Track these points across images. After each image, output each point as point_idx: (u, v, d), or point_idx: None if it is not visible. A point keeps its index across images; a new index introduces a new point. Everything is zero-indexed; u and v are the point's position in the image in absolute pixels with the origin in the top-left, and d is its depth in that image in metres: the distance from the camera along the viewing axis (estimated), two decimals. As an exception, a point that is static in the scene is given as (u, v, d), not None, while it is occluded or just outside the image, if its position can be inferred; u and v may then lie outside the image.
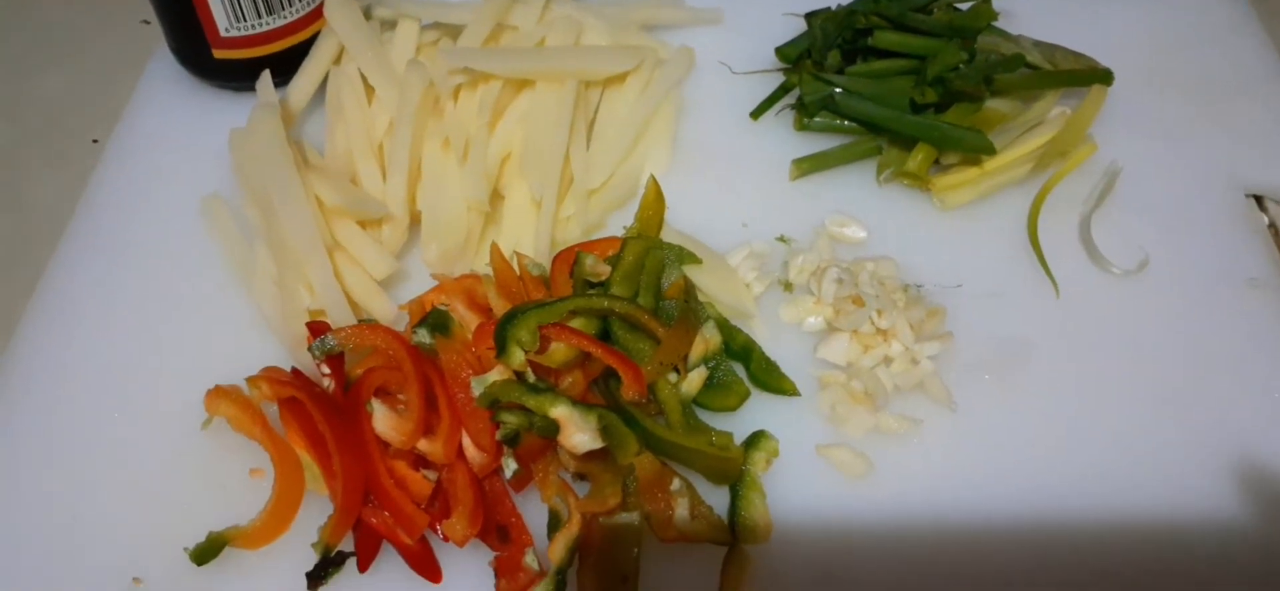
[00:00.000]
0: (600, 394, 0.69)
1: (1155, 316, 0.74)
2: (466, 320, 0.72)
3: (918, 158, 0.81)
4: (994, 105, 0.85)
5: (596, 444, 0.63)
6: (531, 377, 0.67)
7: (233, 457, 0.70)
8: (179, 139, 0.91)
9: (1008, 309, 0.75)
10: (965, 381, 0.71)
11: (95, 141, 1.00)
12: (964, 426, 0.69)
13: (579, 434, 0.63)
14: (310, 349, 0.70)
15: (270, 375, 0.71)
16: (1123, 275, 0.76)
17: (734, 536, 0.64)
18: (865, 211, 0.81)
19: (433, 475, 0.67)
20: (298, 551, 0.66)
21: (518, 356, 0.66)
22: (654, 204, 0.80)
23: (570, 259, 0.75)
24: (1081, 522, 0.65)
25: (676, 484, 0.64)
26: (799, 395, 0.71)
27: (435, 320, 0.70)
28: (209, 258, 0.82)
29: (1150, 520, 0.65)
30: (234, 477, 0.70)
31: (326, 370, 0.70)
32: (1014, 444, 0.68)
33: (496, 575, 0.63)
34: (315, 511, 0.67)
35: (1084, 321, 0.74)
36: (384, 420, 0.66)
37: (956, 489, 0.66)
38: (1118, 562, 0.63)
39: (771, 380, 0.71)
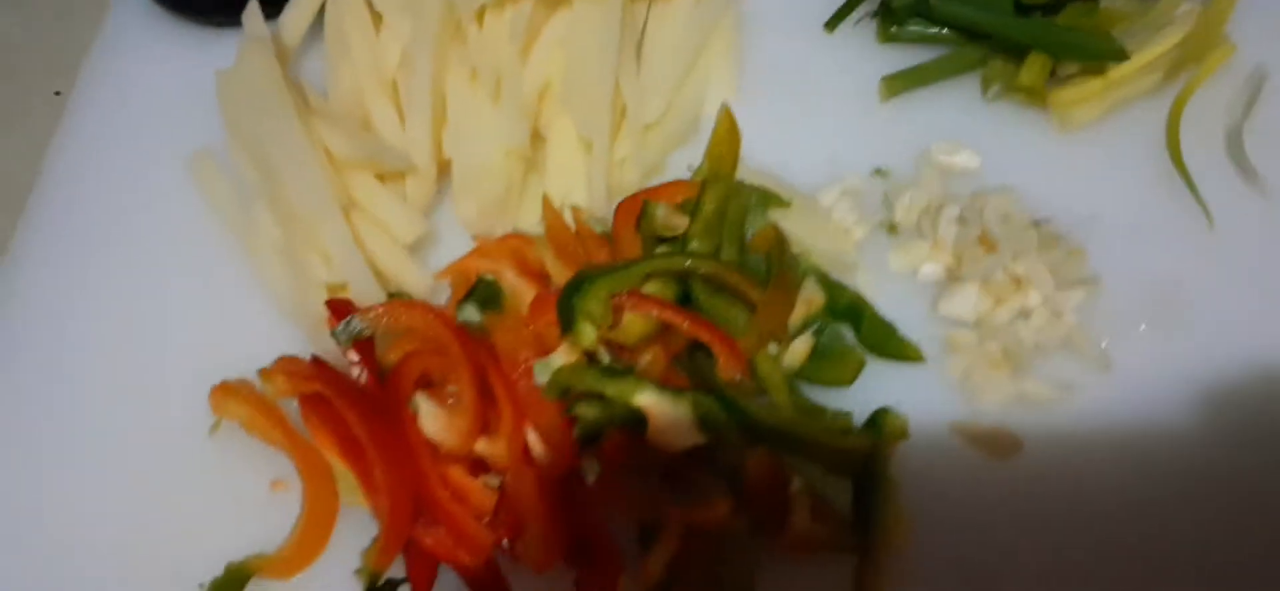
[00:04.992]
0: (685, 373, 0.58)
1: (1329, 243, 0.63)
2: (519, 290, 0.60)
3: (1032, 69, 0.69)
4: (1111, 4, 0.73)
5: (695, 438, 0.52)
6: (605, 358, 0.56)
7: (249, 467, 0.60)
8: (155, 86, 0.79)
9: (1153, 243, 0.64)
10: (1117, 333, 0.60)
11: (58, 94, 0.87)
12: (1121, 387, 0.58)
13: (672, 426, 0.53)
14: (334, 334, 0.59)
15: (287, 366, 0.60)
16: (1285, 198, 0.65)
17: (867, 542, 0.53)
18: (973, 135, 0.69)
19: (494, 481, 0.56)
20: (337, 578, 0.55)
21: (589, 334, 0.55)
22: (727, 138, 0.67)
23: (635, 210, 0.63)
24: (1258, 490, 0.56)
25: (797, 483, 0.53)
26: (923, 360, 0.59)
27: (484, 293, 0.59)
28: (201, 226, 0.70)
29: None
30: (252, 492, 0.59)
31: (355, 357, 0.59)
32: (1180, 404, 0.58)
33: (582, 601, 0.53)
34: (353, 527, 0.57)
35: (1244, 253, 0.63)
36: (433, 420, 0.55)
37: (1119, 461, 0.56)
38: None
39: (889, 344, 0.60)
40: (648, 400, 0.53)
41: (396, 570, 0.55)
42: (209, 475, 0.59)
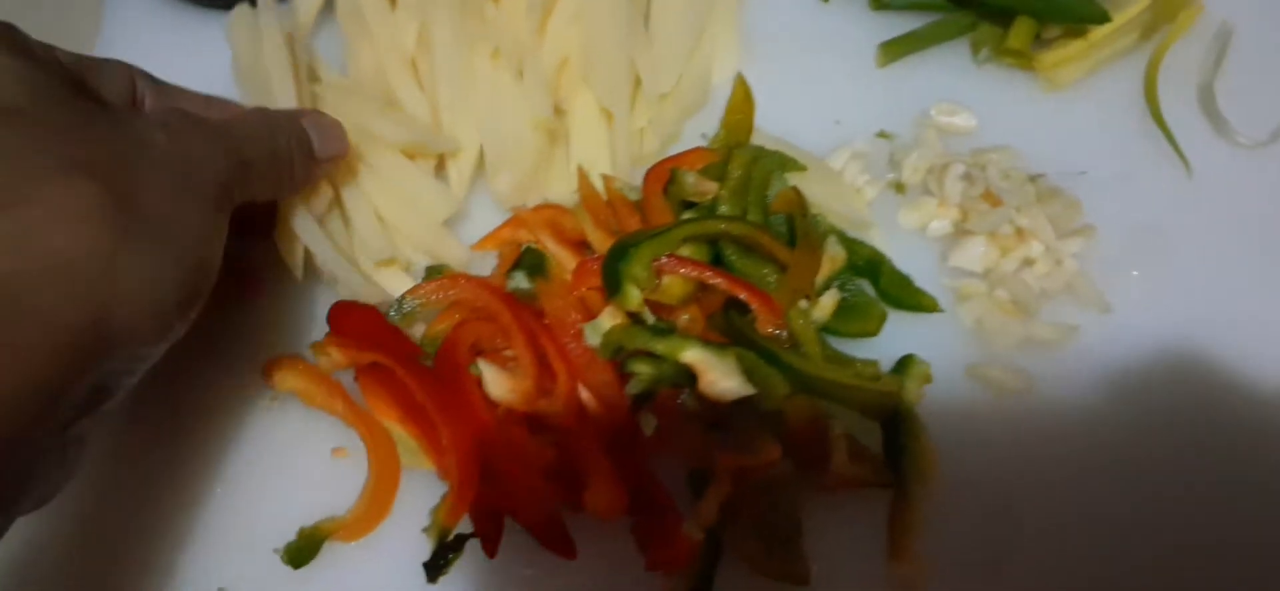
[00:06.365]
0: (720, 331, 0.62)
1: (1298, 187, 0.69)
2: (561, 258, 0.63)
3: (1019, 32, 0.74)
4: (1089, -32, 0.77)
5: (745, 390, 0.56)
6: (650, 318, 0.59)
7: (310, 436, 0.62)
8: (165, 75, 0.78)
9: (1139, 193, 0.69)
10: (1111, 277, 0.65)
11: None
12: (1119, 327, 0.64)
13: (722, 380, 0.56)
14: (387, 314, 0.61)
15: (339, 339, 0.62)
16: (1254, 147, 0.71)
17: (899, 477, 0.58)
18: (966, 97, 0.73)
19: (552, 438, 0.59)
20: (403, 537, 0.59)
21: (635, 296, 0.58)
22: (742, 105, 0.71)
23: (664, 177, 0.67)
24: (1239, 414, 0.61)
25: (836, 427, 0.57)
26: (940, 310, 0.64)
27: (531, 262, 0.62)
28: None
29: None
30: (315, 460, 0.61)
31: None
32: (1176, 339, 0.64)
33: (641, 545, 0.56)
34: (415, 490, 0.59)
35: (1222, 200, 0.69)
36: (497, 382, 0.58)
37: (1120, 393, 0.62)
38: (1299, 459, 0.59)
39: (907, 296, 0.64)
40: (696, 356, 0.57)
41: (463, 527, 0.58)
42: (272, 445, 0.62)
